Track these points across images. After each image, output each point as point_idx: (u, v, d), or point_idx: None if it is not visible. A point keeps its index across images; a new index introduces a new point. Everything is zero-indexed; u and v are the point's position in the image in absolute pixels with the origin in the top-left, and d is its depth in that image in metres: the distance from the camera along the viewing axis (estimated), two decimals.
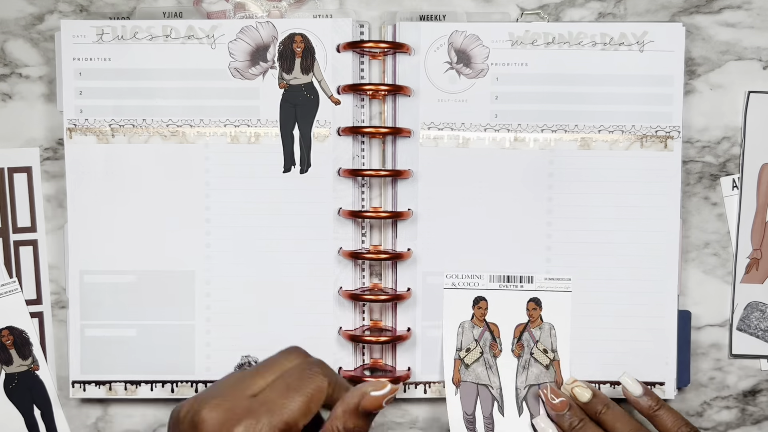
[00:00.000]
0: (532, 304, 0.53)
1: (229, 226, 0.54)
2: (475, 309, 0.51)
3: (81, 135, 0.54)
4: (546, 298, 0.53)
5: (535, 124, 0.54)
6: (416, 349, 0.55)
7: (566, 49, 0.54)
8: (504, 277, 0.50)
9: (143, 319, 0.54)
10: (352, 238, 0.54)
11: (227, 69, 0.54)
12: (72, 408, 0.56)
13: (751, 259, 0.56)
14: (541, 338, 0.53)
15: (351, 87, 0.53)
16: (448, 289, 0.49)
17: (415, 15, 0.55)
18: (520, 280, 0.51)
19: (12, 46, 0.55)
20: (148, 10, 0.55)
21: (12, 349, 0.55)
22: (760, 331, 0.56)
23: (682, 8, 0.55)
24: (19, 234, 0.56)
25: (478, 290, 0.51)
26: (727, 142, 0.56)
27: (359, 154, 0.55)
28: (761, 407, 0.57)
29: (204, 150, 0.54)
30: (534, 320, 0.53)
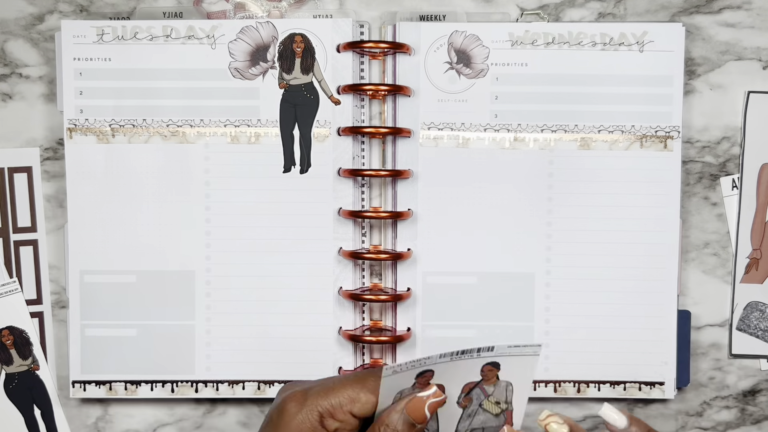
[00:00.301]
0: (488, 366, 0.44)
1: (229, 226, 0.54)
2: (418, 379, 0.43)
3: (81, 135, 0.54)
4: (507, 362, 0.44)
5: (535, 124, 0.54)
6: (416, 349, 0.55)
7: (566, 49, 0.54)
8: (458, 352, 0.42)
9: (143, 319, 0.54)
10: (352, 238, 0.55)
11: (227, 69, 0.54)
12: (72, 408, 0.56)
13: (750, 259, 0.56)
14: (495, 393, 0.46)
15: (351, 87, 0.53)
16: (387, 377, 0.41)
17: (415, 15, 0.55)
18: (479, 350, 0.42)
19: (12, 46, 0.55)
20: (148, 10, 0.55)
21: (12, 349, 0.56)
22: (760, 331, 0.56)
23: (682, 8, 0.55)
24: (19, 234, 0.56)
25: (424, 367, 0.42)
26: (726, 142, 0.56)
27: (359, 154, 0.55)
28: (761, 407, 0.57)
29: (204, 150, 0.54)
30: (488, 380, 0.45)
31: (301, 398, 0.41)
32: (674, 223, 0.54)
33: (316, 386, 0.42)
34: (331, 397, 0.41)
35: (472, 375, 0.44)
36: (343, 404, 0.41)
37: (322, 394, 0.41)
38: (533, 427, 0.57)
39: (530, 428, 0.57)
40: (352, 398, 0.41)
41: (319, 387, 0.42)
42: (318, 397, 0.41)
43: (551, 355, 0.55)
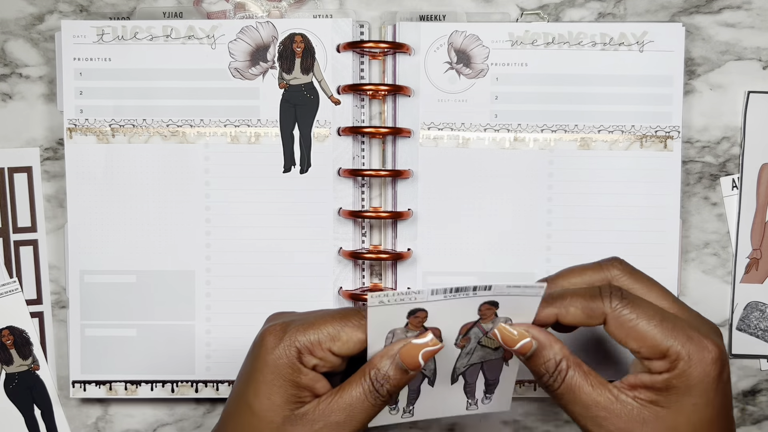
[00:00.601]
0: (486, 305, 0.41)
1: (229, 226, 0.54)
2: (410, 319, 0.40)
3: (81, 135, 0.54)
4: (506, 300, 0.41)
5: (535, 124, 0.54)
6: None
7: (566, 49, 0.54)
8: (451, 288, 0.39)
9: (143, 319, 0.54)
10: (352, 238, 0.55)
11: (227, 69, 0.54)
12: (72, 408, 0.56)
13: (750, 259, 0.56)
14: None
15: (351, 87, 0.53)
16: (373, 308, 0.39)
17: (415, 15, 0.55)
18: (474, 289, 0.39)
19: (12, 46, 0.55)
20: (148, 10, 0.55)
21: (12, 349, 0.56)
22: (760, 331, 0.56)
23: (682, 8, 0.55)
24: (19, 234, 0.56)
25: (415, 304, 0.40)
26: (726, 142, 0.56)
27: (359, 154, 0.55)
28: (761, 407, 0.57)
29: (204, 150, 0.54)
30: (486, 318, 0.42)
31: (281, 332, 0.40)
32: (674, 223, 0.54)
33: (298, 320, 0.41)
34: (311, 332, 0.40)
35: (468, 315, 0.41)
36: (322, 341, 0.40)
37: (302, 329, 0.40)
38: (533, 428, 0.57)
39: (531, 428, 0.57)
40: (332, 336, 0.40)
41: (300, 321, 0.41)
42: (297, 332, 0.40)
43: None
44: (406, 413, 0.46)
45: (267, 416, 0.40)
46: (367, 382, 0.40)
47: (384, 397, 0.40)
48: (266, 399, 0.40)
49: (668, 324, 0.38)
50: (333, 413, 0.39)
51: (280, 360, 0.40)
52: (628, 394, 0.39)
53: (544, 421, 0.56)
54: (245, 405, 0.40)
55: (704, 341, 0.38)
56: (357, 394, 0.40)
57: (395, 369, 0.40)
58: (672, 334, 0.38)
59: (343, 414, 0.39)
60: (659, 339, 0.38)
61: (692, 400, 0.37)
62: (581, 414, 0.39)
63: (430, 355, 0.40)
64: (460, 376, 0.46)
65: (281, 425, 0.39)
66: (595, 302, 0.39)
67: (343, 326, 0.40)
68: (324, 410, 0.39)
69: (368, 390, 0.40)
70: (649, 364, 0.38)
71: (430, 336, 0.40)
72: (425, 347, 0.39)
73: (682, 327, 0.38)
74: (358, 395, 0.40)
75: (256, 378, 0.40)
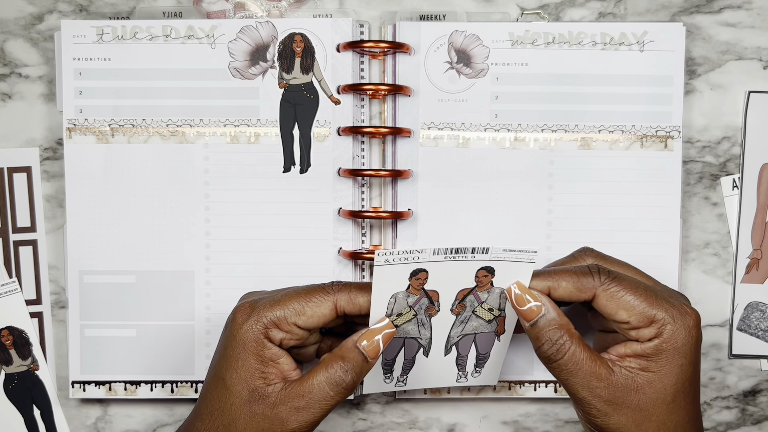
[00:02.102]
0: (483, 272, 0.44)
1: (229, 226, 0.54)
2: (412, 280, 0.43)
3: (80, 135, 0.54)
4: (502, 267, 0.44)
5: (535, 124, 0.54)
6: None
7: (566, 49, 0.54)
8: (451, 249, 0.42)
9: (143, 319, 0.54)
10: (352, 238, 0.54)
11: (227, 69, 0.54)
12: (72, 408, 0.56)
13: (751, 259, 0.56)
14: (488, 300, 0.46)
15: (351, 87, 0.53)
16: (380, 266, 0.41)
17: (415, 15, 0.55)
18: (473, 251, 0.42)
19: (12, 46, 0.55)
20: (148, 10, 0.55)
21: (12, 349, 0.55)
22: (761, 331, 0.56)
23: (682, 8, 0.55)
24: (19, 234, 0.56)
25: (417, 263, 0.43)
26: (727, 142, 0.56)
27: (359, 154, 0.55)
28: (761, 407, 0.57)
29: (204, 150, 0.54)
30: (483, 285, 0.44)
31: (249, 309, 0.43)
32: (674, 223, 0.54)
33: (266, 297, 0.44)
34: (277, 308, 0.43)
35: (466, 281, 0.44)
36: (288, 316, 0.43)
37: (269, 306, 0.43)
38: (533, 428, 0.57)
39: (531, 429, 0.57)
40: (297, 311, 0.43)
41: (267, 298, 0.44)
42: (264, 309, 0.43)
43: None
44: (399, 382, 0.49)
45: (236, 389, 0.42)
46: (330, 372, 0.42)
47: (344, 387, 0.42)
48: (234, 372, 0.42)
49: (651, 295, 0.42)
50: (296, 398, 0.42)
51: (247, 334, 0.43)
52: (620, 364, 0.42)
53: (544, 421, 0.56)
54: (219, 378, 0.43)
55: (684, 307, 0.42)
56: (320, 381, 0.42)
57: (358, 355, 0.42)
58: (656, 303, 0.42)
59: (304, 400, 0.42)
60: (647, 308, 0.41)
61: (679, 361, 0.41)
62: (580, 384, 0.42)
63: (388, 339, 0.42)
64: (453, 347, 0.48)
65: (247, 400, 0.42)
66: (586, 278, 0.42)
67: (308, 301, 0.43)
68: (287, 394, 0.42)
69: (331, 380, 0.42)
70: (637, 333, 0.42)
71: (386, 320, 0.43)
72: (384, 330, 0.42)
73: (663, 297, 0.42)
74: (320, 383, 0.42)
75: (227, 353, 0.43)
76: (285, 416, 0.42)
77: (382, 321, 0.43)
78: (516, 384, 0.55)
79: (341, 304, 0.43)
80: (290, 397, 0.42)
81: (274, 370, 0.43)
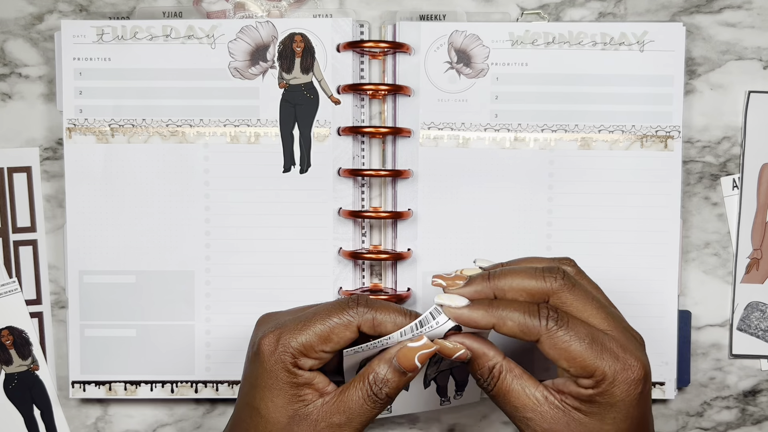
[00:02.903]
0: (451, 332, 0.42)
1: (228, 226, 0.54)
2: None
3: (80, 135, 0.54)
4: None
5: (535, 124, 0.54)
6: None
7: (566, 49, 0.54)
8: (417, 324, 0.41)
9: (143, 319, 0.54)
10: (352, 238, 0.54)
11: (227, 69, 0.54)
12: (72, 408, 0.56)
13: (751, 259, 0.56)
14: None
15: (351, 87, 0.53)
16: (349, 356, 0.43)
17: (415, 15, 0.55)
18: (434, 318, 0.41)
19: (12, 45, 0.55)
20: (148, 10, 0.55)
21: (12, 349, 0.55)
22: (761, 331, 0.56)
23: (682, 8, 0.55)
24: (19, 234, 0.56)
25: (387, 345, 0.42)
26: (727, 142, 0.56)
27: (359, 154, 0.55)
28: (761, 407, 0.57)
29: (204, 150, 0.54)
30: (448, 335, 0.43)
31: (275, 339, 0.42)
32: (674, 223, 0.54)
33: (290, 323, 0.43)
34: (302, 336, 0.42)
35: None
36: (314, 344, 0.42)
37: (295, 334, 0.42)
38: None
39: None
40: (322, 338, 0.42)
41: (291, 324, 0.43)
42: (290, 338, 0.42)
43: None
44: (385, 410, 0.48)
45: (273, 417, 0.42)
46: (366, 386, 0.41)
47: (383, 399, 0.42)
48: (270, 402, 0.42)
49: (597, 346, 0.40)
50: (334, 415, 0.41)
51: (277, 366, 0.42)
52: (556, 397, 0.41)
53: None
54: (253, 409, 0.42)
55: (630, 360, 0.40)
56: (357, 397, 0.42)
57: (393, 372, 0.41)
58: (600, 355, 0.40)
59: (344, 416, 0.41)
60: (588, 361, 0.40)
61: (612, 414, 0.40)
62: (512, 414, 0.42)
63: (426, 357, 0.41)
64: (432, 381, 0.48)
65: (287, 425, 0.42)
66: (532, 320, 0.41)
67: (333, 326, 0.42)
68: (326, 411, 0.42)
69: (367, 394, 0.41)
70: (576, 380, 0.41)
71: (424, 339, 0.41)
72: (421, 350, 0.41)
73: (610, 347, 0.40)
74: (357, 399, 0.41)
75: (258, 384, 0.42)
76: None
77: (420, 339, 0.41)
78: None
79: (365, 329, 0.42)
80: (330, 413, 0.42)
81: (309, 391, 0.42)
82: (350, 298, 0.43)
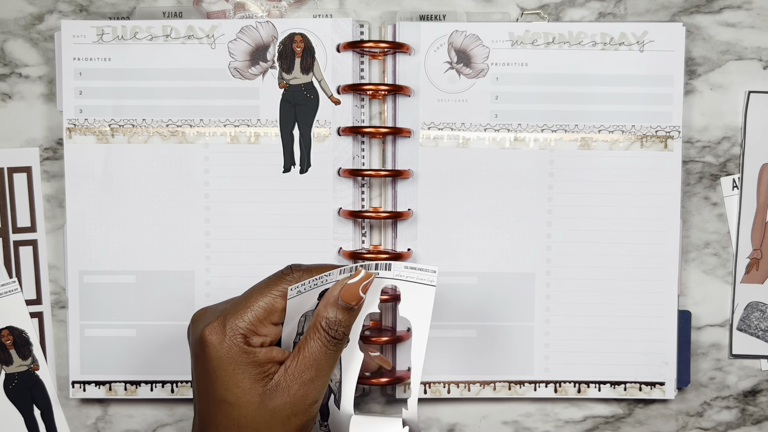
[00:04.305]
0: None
1: (229, 226, 0.54)
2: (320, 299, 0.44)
3: (80, 135, 0.54)
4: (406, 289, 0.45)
5: (535, 124, 0.54)
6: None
7: (566, 49, 0.54)
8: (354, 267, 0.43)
9: (143, 319, 0.54)
10: (352, 238, 0.54)
11: (227, 69, 0.54)
12: (72, 408, 0.56)
13: (751, 259, 0.56)
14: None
15: (351, 87, 0.53)
16: (292, 298, 0.43)
17: (415, 15, 0.55)
18: (376, 267, 0.44)
19: (12, 46, 0.55)
20: (148, 10, 0.55)
21: (12, 349, 0.55)
22: (761, 331, 0.56)
23: (682, 8, 0.55)
24: (19, 234, 0.56)
25: (327, 284, 0.44)
26: (727, 142, 0.56)
27: (359, 154, 0.55)
28: (761, 407, 0.56)
29: (204, 150, 0.54)
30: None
31: (220, 326, 0.42)
32: (674, 223, 0.54)
33: (230, 308, 0.43)
34: (247, 314, 0.43)
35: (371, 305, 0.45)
36: (260, 318, 0.43)
37: (239, 315, 0.43)
38: (533, 428, 0.57)
39: (531, 429, 0.57)
40: (267, 310, 0.43)
41: (232, 308, 0.43)
42: (236, 320, 0.42)
43: (551, 355, 0.55)
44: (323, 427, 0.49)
45: (245, 401, 0.42)
46: (322, 333, 0.43)
47: (341, 338, 0.43)
48: (236, 388, 0.42)
49: None
50: (303, 372, 0.42)
51: (232, 351, 0.42)
52: None
53: (544, 421, 0.56)
54: (220, 402, 0.42)
55: None
56: (318, 347, 0.42)
57: (341, 311, 0.43)
58: None
59: (313, 369, 0.42)
60: None
61: None
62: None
63: (368, 287, 0.43)
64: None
65: (261, 403, 0.42)
66: None
67: (274, 297, 0.43)
68: (294, 373, 0.42)
69: (326, 339, 0.43)
70: None
71: (363, 271, 0.43)
72: (362, 281, 0.43)
73: None
74: (319, 347, 0.42)
75: (218, 376, 0.42)
76: (303, 392, 0.42)
77: (358, 273, 0.43)
78: (516, 384, 0.55)
79: None
80: (299, 372, 0.42)
81: (270, 365, 0.43)
82: (282, 269, 0.44)
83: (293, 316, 0.44)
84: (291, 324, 0.44)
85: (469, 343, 0.55)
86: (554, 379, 0.55)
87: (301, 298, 0.43)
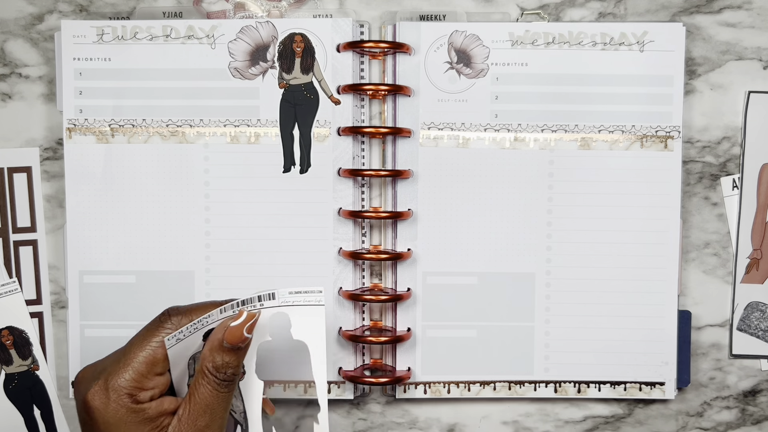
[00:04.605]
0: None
1: (228, 226, 0.54)
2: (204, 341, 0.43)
3: (80, 135, 0.54)
4: (295, 312, 0.44)
5: (535, 124, 0.54)
6: (416, 349, 0.55)
7: (566, 49, 0.54)
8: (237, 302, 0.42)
9: (143, 319, 0.54)
10: (352, 238, 0.54)
11: (227, 69, 0.54)
12: (72, 408, 0.56)
13: (751, 259, 0.56)
14: None
15: (351, 87, 0.53)
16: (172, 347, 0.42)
17: (415, 15, 0.55)
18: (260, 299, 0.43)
19: (12, 46, 0.55)
20: (148, 10, 0.55)
21: (12, 349, 0.55)
22: (760, 331, 0.56)
23: (682, 8, 0.55)
24: (19, 234, 0.56)
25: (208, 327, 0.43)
26: (727, 142, 0.56)
27: (359, 154, 0.55)
28: (761, 407, 0.56)
29: (204, 150, 0.54)
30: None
31: (102, 389, 0.41)
32: (674, 223, 0.54)
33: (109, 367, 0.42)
34: (128, 371, 0.41)
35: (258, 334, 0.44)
36: (143, 373, 0.41)
37: (119, 373, 0.41)
38: (533, 428, 0.57)
39: (531, 429, 0.57)
40: (149, 362, 0.41)
41: (112, 367, 0.41)
42: (117, 379, 0.41)
43: (551, 355, 0.55)
44: None
45: None
46: (210, 377, 0.41)
47: (231, 380, 0.42)
48: None
49: None
50: (197, 419, 0.41)
51: (119, 412, 0.40)
52: None
53: (544, 421, 0.56)
54: None
55: None
56: (208, 392, 0.41)
57: (227, 353, 0.42)
58: None
59: (207, 415, 0.41)
60: None
61: None
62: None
63: (254, 326, 0.42)
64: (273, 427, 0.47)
65: None
66: None
67: (154, 349, 0.42)
68: (187, 422, 0.41)
69: (216, 383, 0.41)
70: None
71: (244, 314, 0.42)
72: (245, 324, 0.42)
73: None
74: (210, 392, 0.41)
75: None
76: None
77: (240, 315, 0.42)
78: (516, 384, 0.55)
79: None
80: (193, 420, 0.41)
81: (163, 417, 0.41)
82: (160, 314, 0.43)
83: (179, 362, 0.43)
84: (178, 369, 0.43)
85: (469, 343, 0.55)
86: (554, 379, 0.55)
87: (183, 343, 0.42)
